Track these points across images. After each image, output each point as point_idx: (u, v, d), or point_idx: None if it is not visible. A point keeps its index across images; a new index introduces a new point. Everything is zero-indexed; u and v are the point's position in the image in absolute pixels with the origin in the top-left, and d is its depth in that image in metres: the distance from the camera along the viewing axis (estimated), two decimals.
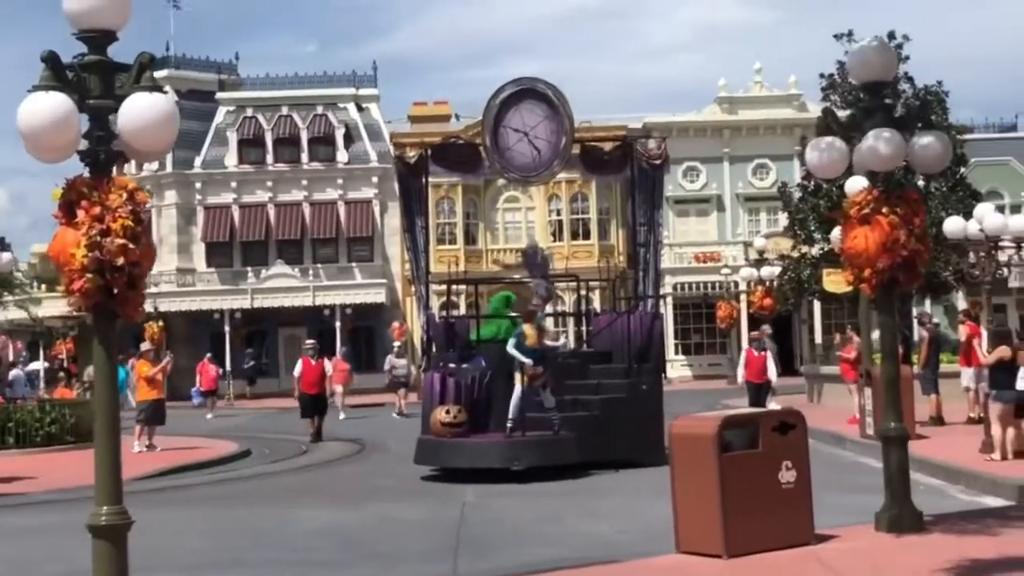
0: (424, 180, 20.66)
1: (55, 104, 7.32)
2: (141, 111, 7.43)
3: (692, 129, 53.44)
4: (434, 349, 20.38)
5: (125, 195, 7.50)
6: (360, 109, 55.36)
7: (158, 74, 7.46)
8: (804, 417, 11.18)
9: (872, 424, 19.69)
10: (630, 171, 20.47)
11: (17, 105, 7.45)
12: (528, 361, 17.74)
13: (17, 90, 7.55)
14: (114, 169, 7.69)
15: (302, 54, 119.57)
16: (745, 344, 48.01)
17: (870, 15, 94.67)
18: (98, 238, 7.37)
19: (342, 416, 31.61)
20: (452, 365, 19.38)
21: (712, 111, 54.02)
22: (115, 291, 7.45)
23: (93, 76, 7.62)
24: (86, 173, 7.73)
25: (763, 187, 52.48)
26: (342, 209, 53.46)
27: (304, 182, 53.60)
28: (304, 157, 53.99)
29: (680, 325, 52.09)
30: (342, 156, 53.74)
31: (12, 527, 14.44)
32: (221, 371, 36.71)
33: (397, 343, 36.69)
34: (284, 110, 54.33)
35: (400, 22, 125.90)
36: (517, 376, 17.80)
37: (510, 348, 17.93)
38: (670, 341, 51.28)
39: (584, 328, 23.71)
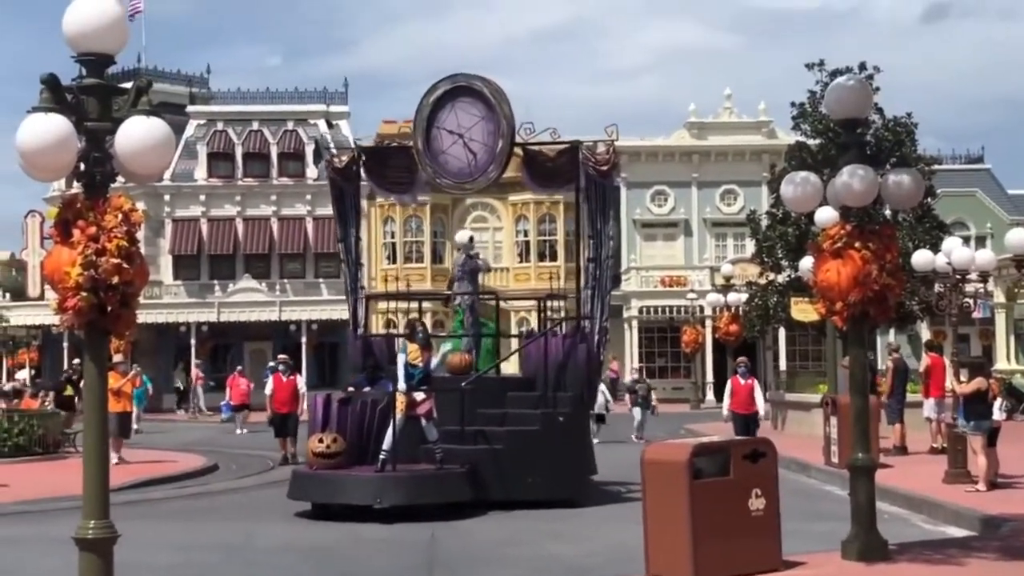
0: (358, 186, 19.52)
1: (54, 126, 7.44)
2: (138, 134, 7.58)
3: (661, 153, 53.80)
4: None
5: (120, 215, 7.63)
6: (330, 126, 55.48)
7: (128, 85, 7.60)
8: (774, 445, 11.38)
9: (837, 452, 19.96)
10: (579, 179, 18.22)
11: None
12: (401, 385, 16.20)
13: None
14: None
15: (267, 66, 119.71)
16: (704, 368, 48.74)
17: (827, 42, 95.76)
18: (93, 257, 7.49)
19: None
20: (350, 388, 17.98)
21: (681, 136, 54.40)
22: (108, 309, 7.58)
23: (91, 99, 7.75)
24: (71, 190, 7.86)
25: (731, 213, 52.89)
26: (310, 225, 53.51)
27: (273, 197, 53.64)
28: (274, 172, 54.03)
29: (645, 348, 52.34)
30: (311, 172, 53.78)
31: None
32: (252, 385, 36.23)
33: None
34: (255, 125, 54.38)
35: (363, 37, 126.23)
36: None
37: (399, 368, 16.46)
38: (634, 365, 51.60)
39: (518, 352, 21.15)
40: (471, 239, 21.01)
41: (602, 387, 26.14)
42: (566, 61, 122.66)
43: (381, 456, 16.04)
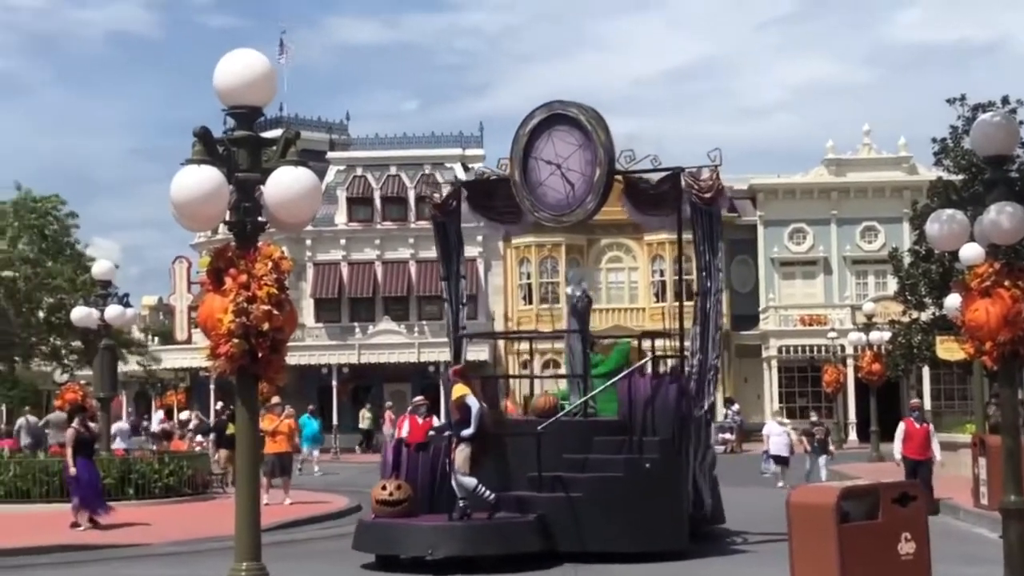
0: (459, 223, 18.77)
1: (206, 177, 7.69)
2: (287, 184, 7.79)
3: (798, 191, 53.20)
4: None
5: (270, 263, 7.85)
6: (466, 169, 55.98)
7: (271, 133, 7.82)
8: (924, 489, 11.15)
9: (987, 494, 19.44)
10: (684, 208, 17.11)
11: (120, 162, 7.81)
12: (467, 431, 14.89)
13: (120, 148, 7.92)
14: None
15: (404, 111, 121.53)
16: (846, 408, 47.89)
17: (967, 76, 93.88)
18: (244, 304, 7.71)
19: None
20: (431, 433, 16.79)
21: (819, 172, 53.73)
22: (259, 355, 7.77)
23: (242, 150, 7.99)
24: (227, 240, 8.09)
25: (871, 250, 52.06)
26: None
27: (411, 240, 54.29)
28: (411, 216, 54.70)
29: (785, 388, 51.62)
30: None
31: None
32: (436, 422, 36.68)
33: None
34: (392, 169, 55.21)
35: (496, 80, 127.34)
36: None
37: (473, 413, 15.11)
38: (773, 404, 50.93)
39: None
40: (580, 279, 19.89)
41: (788, 428, 25.23)
42: (699, 100, 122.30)
43: (459, 504, 15.02)
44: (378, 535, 15.21)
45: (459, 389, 15.27)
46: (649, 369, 17.87)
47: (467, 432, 14.81)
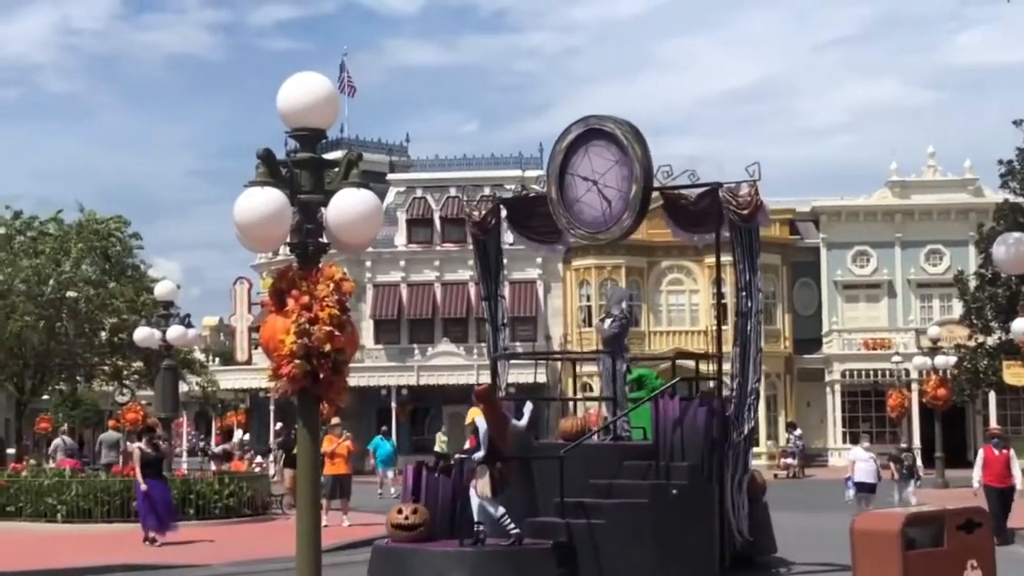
0: (499, 241, 18.54)
1: (270, 199, 7.71)
2: (349, 206, 7.80)
3: (861, 213, 52.76)
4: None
5: (332, 285, 7.85)
6: (524, 190, 56.03)
7: (333, 155, 7.87)
8: (989, 515, 10.93)
9: None
10: (718, 224, 16.54)
11: (181, 184, 7.85)
12: (477, 455, 14.41)
13: (181, 169, 7.97)
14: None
15: (463, 133, 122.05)
16: (911, 433, 47.20)
17: None
18: (306, 326, 7.71)
19: None
20: (457, 456, 16.21)
21: (883, 195, 53.26)
22: (321, 376, 7.77)
23: (304, 172, 8.01)
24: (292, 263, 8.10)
25: (936, 273, 51.51)
26: (506, 289, 53.89)
27: (470, 262, 54.22)
28: (471, 238, 54.72)
29: (848, 413, 51.08)
30: (508, 237, 54.27)
31: None
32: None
33: None
34: (452, 191, 55.36)
35: (556, 101, 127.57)
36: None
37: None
38: (836, 429, 50.40)
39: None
40: (620, 299, 18.85)
41: (871, 454, 24.51)
42: (760, 121, 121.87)
43: (475, 528, 14.46)
44: (391, 560, 14.65)
45: (472, 413, 14.89)
46: (678, 392, 17.07)
47: (478, 455, 14.38)
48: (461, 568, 13.99)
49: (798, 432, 45.90)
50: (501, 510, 14.27)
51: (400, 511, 14.95)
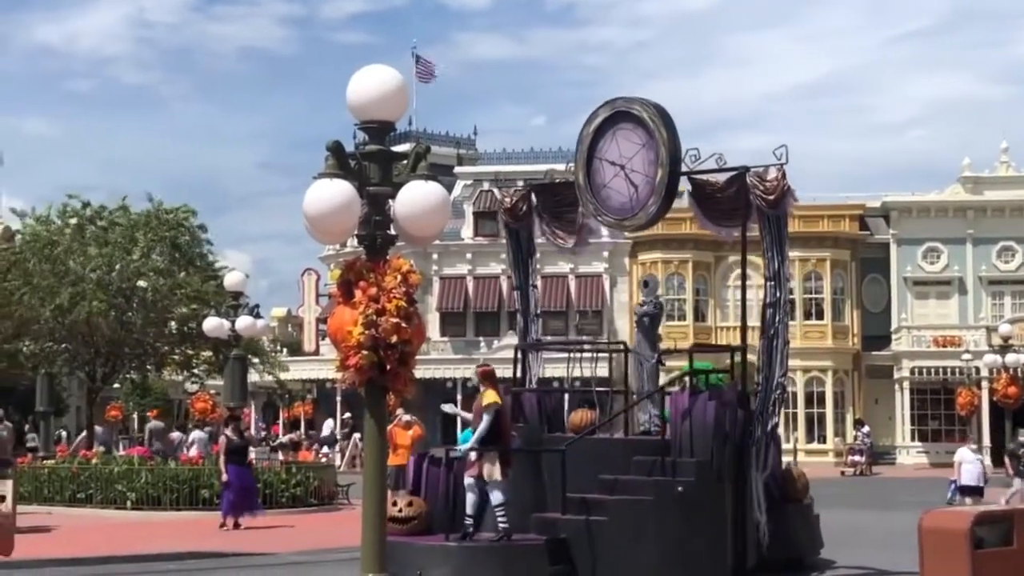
0: (531, 228, 18.08)
1: (339, 191, 7.77)
2: (418, 198, 7.84)
3: (933, 209, 52.09)
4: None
5: (399, 277, 7.89)
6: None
7: (401, 147, 7.85)
8: None
9: None
10: (746, 211, 15.63)
11: (250, 176, 7.90)
12: (463, 445, 13.94)
13: (251, 161, 8.04)
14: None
15: (531, 127, 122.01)
16: (981, 431, 46.55)
17: None
18: (374, 317, 7.76)
19: None
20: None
21: (955, 190, 52.57)
22: (387, 367, 7.82)
23: (373, 164, 8.06)
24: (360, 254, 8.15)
25: (1008, 270, 50.80)
26: (572, 283, 54.01)
27: (537, 255, 54.33)
28: (537, 231, 54.72)
29: (917, 411, 50.51)
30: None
31: None
32: None
33: None
34: (519, 184, 55.21)
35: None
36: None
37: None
38: (905, 427, 49.84)
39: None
40: (646, 283, 18.70)
41: (979, 456, 23.66)
42: (830, 116, 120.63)
43: (466, 521, 14.07)
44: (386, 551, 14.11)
45: (488, 395, 14.21)
46: (688, 385, 16.21)
47: (477, 437, 13.94)
48: (446, 563, 13.60)
49: (866, 429, 45.46)
50: (502, 498, 13.80)
51: (394, 503, 14.41)
